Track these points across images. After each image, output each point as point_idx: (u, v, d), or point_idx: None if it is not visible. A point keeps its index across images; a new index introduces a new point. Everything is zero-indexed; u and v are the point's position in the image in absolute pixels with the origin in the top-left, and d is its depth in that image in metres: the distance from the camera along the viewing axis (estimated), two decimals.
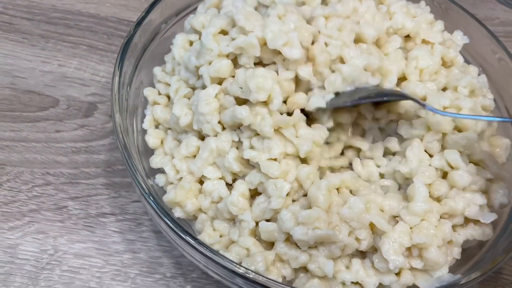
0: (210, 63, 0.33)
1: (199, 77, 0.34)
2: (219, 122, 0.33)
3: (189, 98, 0.36)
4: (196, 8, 0.42)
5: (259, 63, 0.33)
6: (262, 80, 0.30)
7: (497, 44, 0.42)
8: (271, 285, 0.27)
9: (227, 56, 0.33)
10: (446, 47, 0.39)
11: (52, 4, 0.56)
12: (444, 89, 0.37)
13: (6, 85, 0.49)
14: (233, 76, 0.33)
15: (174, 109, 0.34)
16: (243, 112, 0.31)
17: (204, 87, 0.33)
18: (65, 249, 0.41)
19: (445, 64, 0.38)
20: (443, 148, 0.33)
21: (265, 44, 0.32)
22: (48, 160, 0.45)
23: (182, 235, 0.29)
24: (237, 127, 0.33)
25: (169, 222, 0.30)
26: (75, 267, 0.40)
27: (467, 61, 0.43)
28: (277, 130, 0.31)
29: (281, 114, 0.32)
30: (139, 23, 0.37)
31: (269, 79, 0.31)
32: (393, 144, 0.34)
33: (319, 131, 0.32)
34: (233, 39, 0.32)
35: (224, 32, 0.34)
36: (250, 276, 0.27)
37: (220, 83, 0.34)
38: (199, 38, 0.36)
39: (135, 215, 0.43)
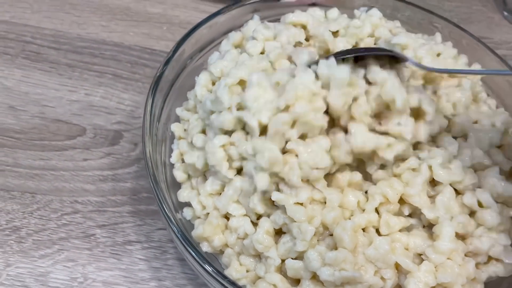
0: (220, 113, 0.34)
1: None
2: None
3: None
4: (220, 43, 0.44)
5: None
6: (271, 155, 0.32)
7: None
8: None
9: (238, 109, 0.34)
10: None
11: (78, 33, 0.58)
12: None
13: (36, 115, 0.51)
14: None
15: (185, 156, 0.36)
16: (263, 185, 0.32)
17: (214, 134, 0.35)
18: (93, 277, 0.42)
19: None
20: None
21: None
22: (76, 188, 0.47)
23: (212, 273, 0.30)
24: None
25: (198, 259, 0.31)
26: None
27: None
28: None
29: None
30: (167, 62, 0.38)
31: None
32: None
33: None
34: None
35: (242, 83, 0.35)
36: None
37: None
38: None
39: (160, 242, 0.44)
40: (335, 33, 0.43)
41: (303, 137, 0.33)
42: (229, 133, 0.35)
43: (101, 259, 0.43)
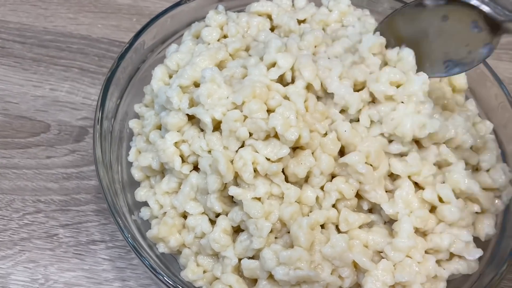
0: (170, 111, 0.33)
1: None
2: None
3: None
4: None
5: None
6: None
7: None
8: None
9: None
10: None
11: (44, 27, 0.56)
12: None
13: None
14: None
15: (139, 158, 0.35)
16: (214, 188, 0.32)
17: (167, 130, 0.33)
18: (55, 278, 0.41)
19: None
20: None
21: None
22: (39, 187, 0.45)
23: (160, 278, 0.29)
24: None
25: (147, 264, 0.30)
26: None
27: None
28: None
29: None
30: (122, 56, 0.37)
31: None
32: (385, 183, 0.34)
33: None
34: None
35: (197, 84, 0.34)
36: None
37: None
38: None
39: (125, 242, 0.43)
40: (303, 21, 0.42)
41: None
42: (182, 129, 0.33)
43: (63, 259, 0.42)
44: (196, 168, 0.34)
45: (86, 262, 0.42)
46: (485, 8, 0.30)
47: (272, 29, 0.42)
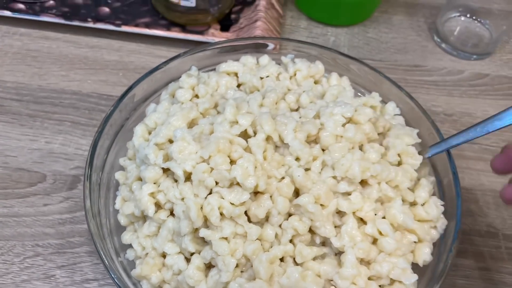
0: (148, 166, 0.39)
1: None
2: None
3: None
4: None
5: None
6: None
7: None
8: None
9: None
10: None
11: (39, 84, 0.62)
12: None
13: (0, 165, 0.55)
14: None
15: (123, 207, 0.41)
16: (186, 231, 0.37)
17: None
18: None
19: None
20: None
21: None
22: (37, 233, 0.51)
23: None
24: None
25: None
26: None
27: None
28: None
29: None
30: (107, 117, 0.43)
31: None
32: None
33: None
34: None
35: (171, 140, 0.40)
36: None
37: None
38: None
39: None
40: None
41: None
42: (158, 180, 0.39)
43: None
44: (172, 213, 0.39)
45: None
46: None
47: (239, 86, 0.49)
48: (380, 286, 0.37)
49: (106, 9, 0.70)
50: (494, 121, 0.39)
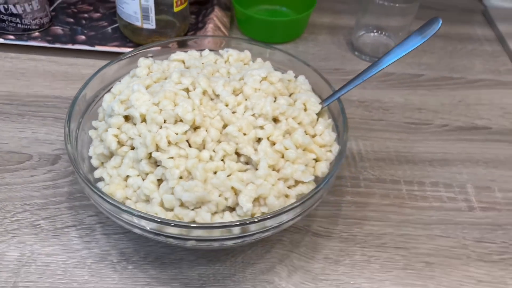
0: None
1: None
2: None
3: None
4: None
5: None
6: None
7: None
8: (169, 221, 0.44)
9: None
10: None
11: (26, 92, 0.76)
12: None
13: None
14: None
15: (95, 149, 0.53)
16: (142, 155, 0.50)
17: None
18: (38, 251, 0.56)
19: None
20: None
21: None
22: (25, 196, 0.62)
23: (94, 190, 0.46)
24: None
25: (92, 188, 0.47)
26: (46, 262, 0.55)
27: None
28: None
29: None
30: (74, 101, 0.56)
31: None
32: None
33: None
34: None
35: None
36: (157, 219, 0.45)
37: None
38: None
39: (90, 225, 0.59)
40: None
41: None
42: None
43: (44, 239, 0.57)
44: (132, 148, 0.52)
45: (61, 239, 0.57)
46: None
47: None
48: (288, 187, 0.50)
49: (83, 37, 0.86)
50: (367, 71, 0.55)
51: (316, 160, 0.53)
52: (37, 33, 0.85)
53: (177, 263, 0.56)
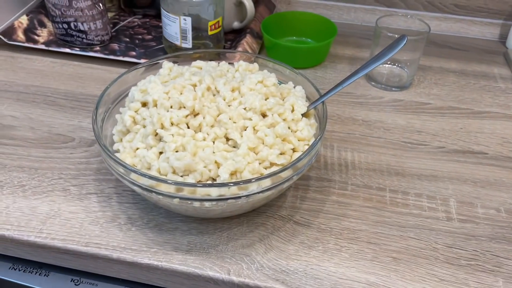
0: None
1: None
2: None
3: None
4: None
5: None
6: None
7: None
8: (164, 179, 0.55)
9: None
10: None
11: (80, 91, 0.92)
12: None
13: (46, 131, 0.82)
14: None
15: (116, 127, 0.65)
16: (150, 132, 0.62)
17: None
18: (64, 209, 0.68)
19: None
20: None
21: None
22: (62, 167, 0.75)
23: (110, 155, 0.57)
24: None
25: (104, 149, 0.59)
26: (68, 218, 0.67)
27: None
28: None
29: None
30: (102, 95, 0.70)
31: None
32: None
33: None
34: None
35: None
36: (152, 176, 0.55)
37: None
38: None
39: (109, 194, 0.71)
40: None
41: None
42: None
43: (71, 201, 0.70)
44: (144, 127, 0.64)
45: (84, 202, 0.70)
46: None
47: None
48: (264, 167, 0.59)
49: (134, 53, 1.02)
50: (348, 79, 0.64)
51: (294, 150, 0.62)
52: (98, 48, 1.03)
53: (172, 231, 0.66)
